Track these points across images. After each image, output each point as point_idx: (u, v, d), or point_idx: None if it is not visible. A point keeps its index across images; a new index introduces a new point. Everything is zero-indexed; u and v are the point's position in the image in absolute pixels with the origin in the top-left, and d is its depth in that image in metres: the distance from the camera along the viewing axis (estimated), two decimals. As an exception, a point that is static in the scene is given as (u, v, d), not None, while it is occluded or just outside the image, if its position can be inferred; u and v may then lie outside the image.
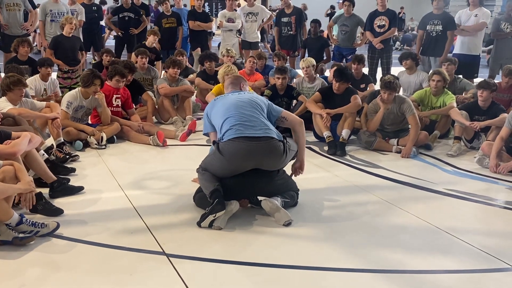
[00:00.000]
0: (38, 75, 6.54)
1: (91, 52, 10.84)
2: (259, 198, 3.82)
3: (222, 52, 8.36)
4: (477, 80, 6.93)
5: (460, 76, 7.17)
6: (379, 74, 8.19)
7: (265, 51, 12.59)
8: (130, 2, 9.64)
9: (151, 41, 8.39)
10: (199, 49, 9.34)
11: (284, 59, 7.88)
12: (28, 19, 8.44)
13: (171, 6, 9.91)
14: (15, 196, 3.40)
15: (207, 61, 7.55)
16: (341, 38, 8.88)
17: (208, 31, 10.07)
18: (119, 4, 10.32)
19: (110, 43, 12.77)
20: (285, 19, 9.16)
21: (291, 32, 9.12)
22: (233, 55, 8.08)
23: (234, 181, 3.78)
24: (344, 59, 8.94)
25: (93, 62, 10.27)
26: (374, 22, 8.25)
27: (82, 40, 8.82)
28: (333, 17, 10.14)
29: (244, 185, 3.80)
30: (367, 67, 8.04)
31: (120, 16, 9.67)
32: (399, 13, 24.87)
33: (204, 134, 4.29)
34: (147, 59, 7.44)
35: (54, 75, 7.04)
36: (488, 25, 7.97)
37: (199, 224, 3.59)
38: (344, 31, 8.78)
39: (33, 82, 6.36)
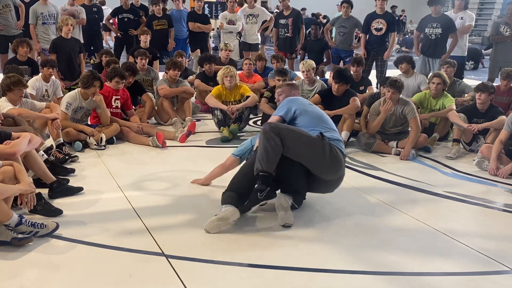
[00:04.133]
0: (40, 75, 6.51)
1: (92, 54, 10.85)
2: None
3: (220, 47, 8.51)
4: (469, 82, 6.96)
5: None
6: (372, 76, 8.22)
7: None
8: (130, 3, 9.63)
9: (144, 41, 8.39)
10: (198, 50, 9.34)
11: (282, 61, 7.91)
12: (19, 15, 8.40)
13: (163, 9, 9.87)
14: (16, 197, 3.40)
15: (207, 63, 7.56)
16: (339, 40, 8.90)
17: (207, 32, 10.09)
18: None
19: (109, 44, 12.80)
20: (282, 21, 9.18)
21: (288, 35, 9.14)
22: (231, 49, 8.25)
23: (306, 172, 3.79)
24: (342, 61, 8.95)
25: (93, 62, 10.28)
26: (371, 24, 8.27)
27: (83, 41, 8.80)
28: (331, 20, 10.16)
29: (308, 178, 3.84)
30: None
31: (119, 17, 9.66)
32: (400, 16, 24.90)
33: (259, 109, 4.37)
34: (147, 60, 7.44)
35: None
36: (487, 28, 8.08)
37: (245, 209, 3.67)
38: (342, 33, 8.80)
39: (35, 82, 6.32)
